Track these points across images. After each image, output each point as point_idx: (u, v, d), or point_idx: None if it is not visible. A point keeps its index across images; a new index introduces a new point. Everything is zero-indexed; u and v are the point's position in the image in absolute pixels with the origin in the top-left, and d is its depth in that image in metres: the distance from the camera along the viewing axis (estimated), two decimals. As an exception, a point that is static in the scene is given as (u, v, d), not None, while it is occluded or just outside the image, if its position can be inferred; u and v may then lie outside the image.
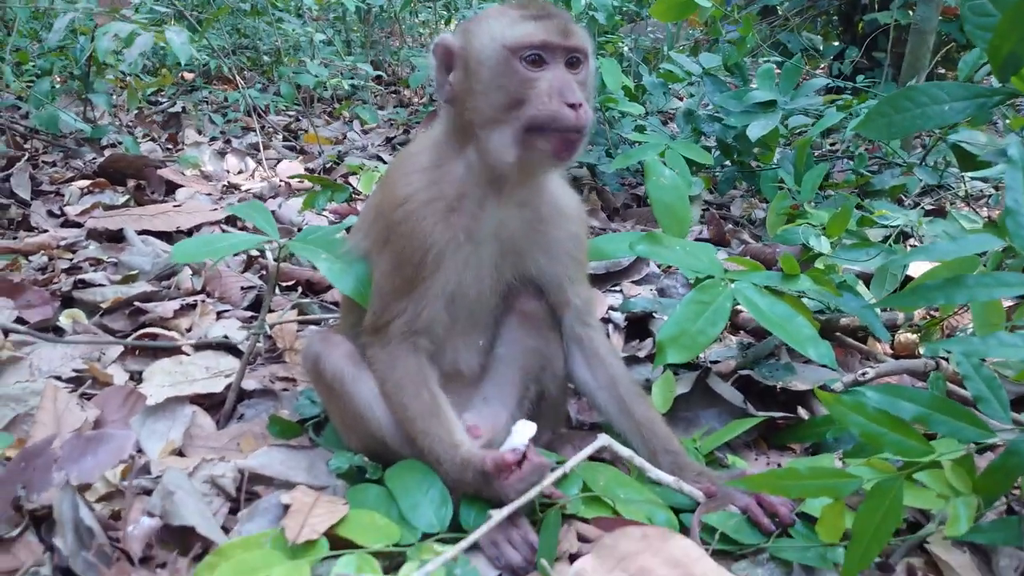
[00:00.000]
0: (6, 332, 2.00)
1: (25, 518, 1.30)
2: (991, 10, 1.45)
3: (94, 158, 3.75)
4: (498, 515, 1.26)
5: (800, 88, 3.18)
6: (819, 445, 1.66)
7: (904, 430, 1.19)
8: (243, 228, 2.95)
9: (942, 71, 5.50)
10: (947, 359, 1.84)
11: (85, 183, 3.39)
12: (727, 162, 3.43)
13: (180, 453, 1.59)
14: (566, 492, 1.38)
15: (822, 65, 6.23)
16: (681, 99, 4.26)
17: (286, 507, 1.34)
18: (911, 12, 4.82)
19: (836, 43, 6.18)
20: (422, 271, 1.38)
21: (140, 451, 1.58)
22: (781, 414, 1.72)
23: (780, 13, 6.57)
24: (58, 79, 3.76)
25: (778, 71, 3.36)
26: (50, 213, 3.11)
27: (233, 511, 1.42)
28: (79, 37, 3.56)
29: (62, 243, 2.75)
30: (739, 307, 1.57)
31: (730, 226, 3.24)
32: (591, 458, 1.42)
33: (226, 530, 1.34)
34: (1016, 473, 1.19)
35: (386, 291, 1.41)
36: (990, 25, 1.41)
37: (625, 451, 1.43)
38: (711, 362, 1.92)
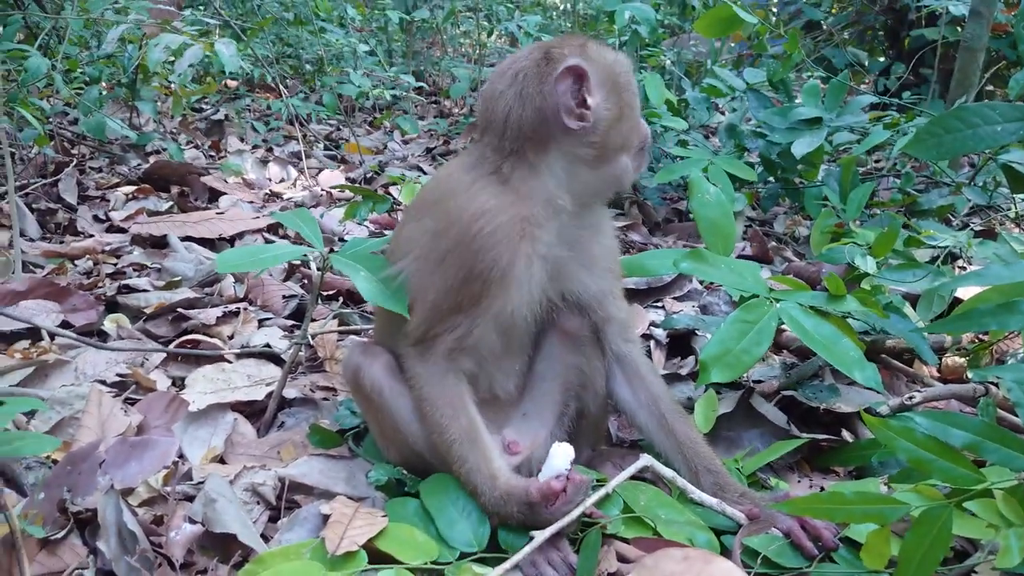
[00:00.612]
0: (52, 336, 2.03)
1: (70, 521, 1.31)
2: None
3: (139, 164, 3.80)
4: (540, 536, 1.25)
5: (846, 105, 3.15)
6: (864, 469, 1.63)
7: (954, 457, 1.17)
8: (284, 236, 2.97)
9: (991, 88, 5.42)
10: (997, 384, 1.80)
11: (130, 189, 3.43)
12: (771, 178, 3.39)
13: (221, 460, 1.60)
14: (606, 512, 1.37)
15: (867, 80, 6.16)
16: (724, 114, 4.23)
17: (325, 517, 1.34)
18: (960, 28, 4.76)
19: (882, 59, 6.12)
20: (488, 288, 1.35)
21: (182, 457, 1.59)
22: (825, 436, 1.69)
23: (825, 28, 6.51)
24: (105, 86, 3.81)
25: (823, 86, 3.33)
26: (96, 218, 3.15)
27: (273, 519, 1.42)
28: (127, 45, 3.61)
29: (107, 248, 2.79)
30: (783, 326, 1.55)
31: (773, 243, 3.21)
32: (632, 477, 1.41)
33: (266, 538, 1.35)
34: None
35: (442, 306, 1.38)
36: None
37: (667, 471, 1.42)
38: (754, 382, 1.89)
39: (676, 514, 1.39)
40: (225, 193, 3.46)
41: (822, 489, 1.58)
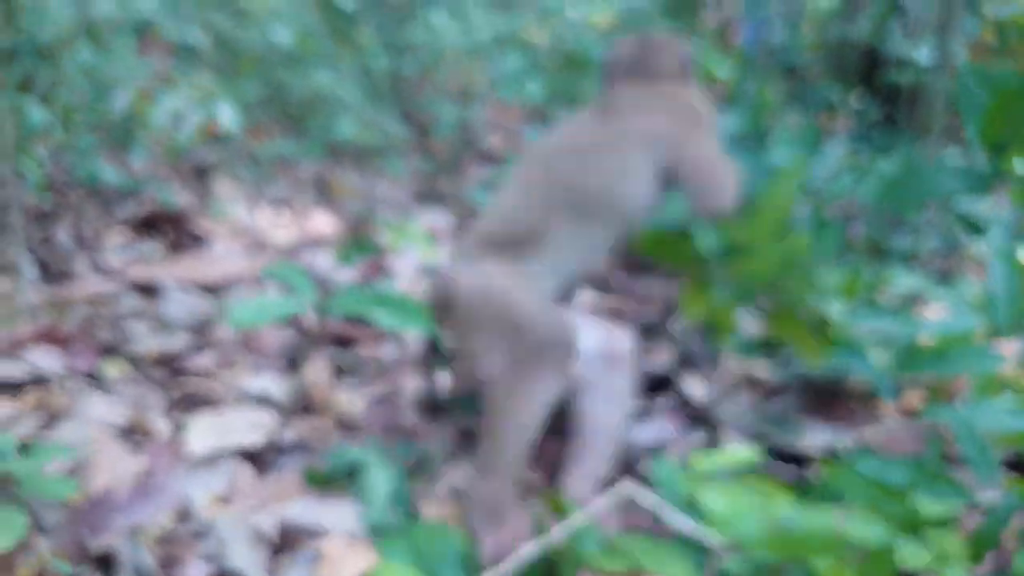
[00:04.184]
0: (56, 381, 2.13)
1: (88, 560, 1.41)
2: (982, 96, 1.57)
3: (133, 210, 3.90)
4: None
5: (821, 151, 3.28)
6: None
7: (895, 497, 1.29)
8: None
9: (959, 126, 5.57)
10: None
11: (125, 234, 3.53)
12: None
13: (225, 502, 1.70)
14: (583, 544, 1.46)
15: (843, 119, 6.32)
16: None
17: (321, 556, 1.45)
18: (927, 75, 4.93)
19: (856, 96, 6.28)
20: None
21: (188, 500, 1.69)
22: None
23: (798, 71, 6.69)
24: (99, 132, 3.92)
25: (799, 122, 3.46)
26: (92, 263, 3.25)
27: (275, 558, 1.53)
28: (121, 92, 3.72)
29: (104, 293, 2.88)
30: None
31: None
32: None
33: (269, 576, 1.45)
34: (996, 537, 1.29)
35: None
36: (980, 110, 1.54)
37: (648, 499, 1.50)
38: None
39: (656, 543, 1.48)
40: (217, 237, 3.56)
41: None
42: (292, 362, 2.39)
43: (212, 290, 2.98)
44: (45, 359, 2.25)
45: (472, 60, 5.96)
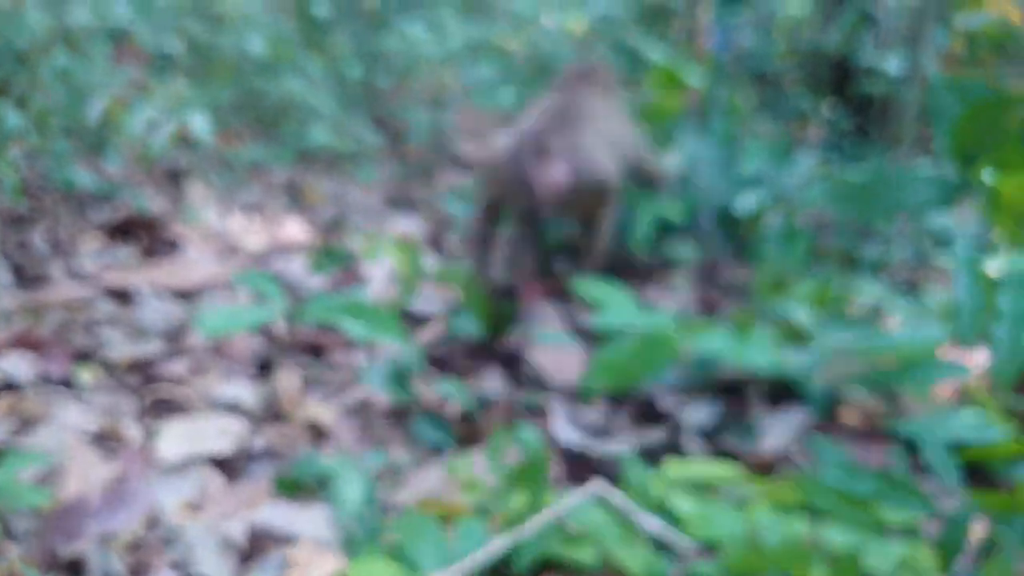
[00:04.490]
0: (30, 387, 2.16)
1: (58, 566, 1.45)
2: (952, 108, 1.63)
3: (108, 215, 3.91)
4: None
5: (791, 160, 3.35)
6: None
7: (859, 506, 1.35)
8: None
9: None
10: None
11: (100, 239, 3.55)
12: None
13: (195, 508, 1.74)
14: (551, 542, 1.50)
15: (814, 127, 6.40)
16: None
17: (290, 562, 1.49)
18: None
19: (827, 105, 6.37)
20: None
21: (158, 506, 1.72)
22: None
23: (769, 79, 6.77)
24: (75, 137, 3.94)
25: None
26: (67, 268, 3.27)
27: (244, 564, 1.56)
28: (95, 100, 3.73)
29: (79, 298, 2.90)
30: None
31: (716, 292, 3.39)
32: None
33: (238, 582, 1.49)
34: (958, 544, 1.35)
35: None
36: (950, 121, 1.60)
37: (618, 497, 1.54)
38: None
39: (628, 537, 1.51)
40: (190, 243, 3.58)
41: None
42: (263, 369, 2.43)
43: (186, 296, 3.00)
44: (19, 364, 2.27)
45: (446, 68, 6.01)
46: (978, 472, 1.91)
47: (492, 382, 2.28)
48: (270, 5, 5.15)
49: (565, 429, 2.01)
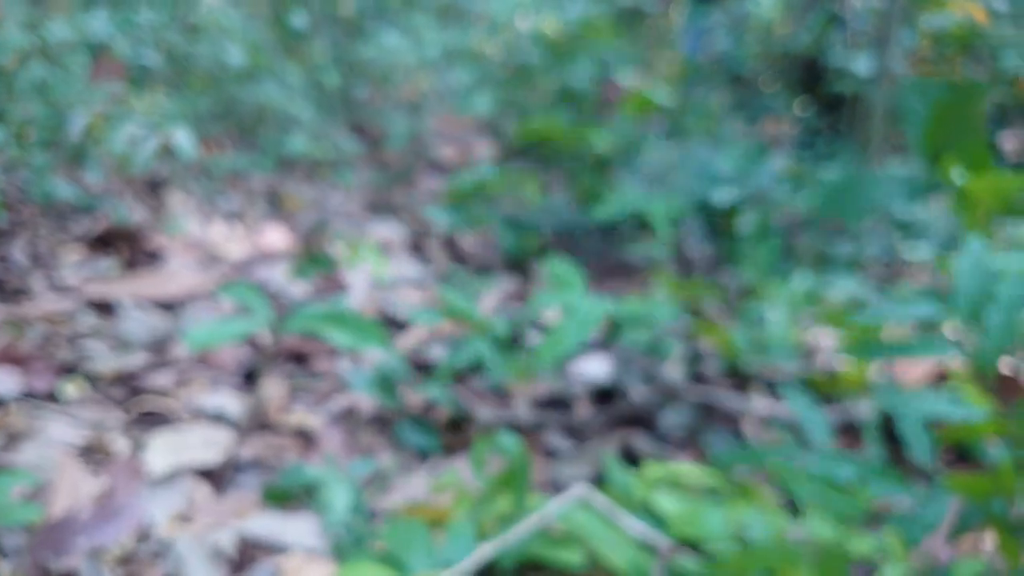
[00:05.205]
0: (15, 402, 2.16)
1: (51, 582, 1.46)
2: (920, 107, 1.67)
3: (88, 227, 3.91)
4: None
5: (764, 160, 3.40)
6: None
7: (841, 492, 1.38)
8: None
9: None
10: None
11: (81, 251, 3.55)
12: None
13: (184, 520, 1.75)
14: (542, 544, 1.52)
15: (786, 125, 6.47)
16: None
17: (281, 571, 1.51)
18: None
19: (799, 105, 6.45)
20: None
21: (148, 518, 1.74)
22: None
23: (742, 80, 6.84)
24: (54, 149, 3.93)
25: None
26: (48, 281, 3.27)
27: (234, 575, 1.58)
28: (76, 113, 3.73)
29: (61, 311, 2.91)
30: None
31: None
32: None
33: (229, 592, 1.51)
34: (927, 529, 1.39)
35: None
36: (919, 120, 1.64)
37: (602, 501, 1.56)
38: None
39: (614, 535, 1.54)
40: (172, 253, 3.59)
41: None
42: (248, 378, 2.44)
43: (168, 306, 3.01)
44: (3, 379, 2.28)
45: (422, 74, 6.03)
46: (953, 448, 1.95)
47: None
48: (247, 15, 5.15)
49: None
